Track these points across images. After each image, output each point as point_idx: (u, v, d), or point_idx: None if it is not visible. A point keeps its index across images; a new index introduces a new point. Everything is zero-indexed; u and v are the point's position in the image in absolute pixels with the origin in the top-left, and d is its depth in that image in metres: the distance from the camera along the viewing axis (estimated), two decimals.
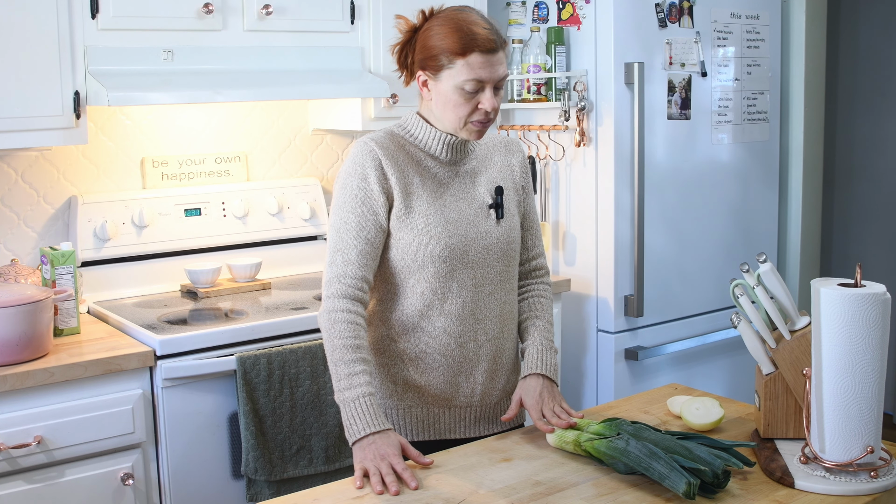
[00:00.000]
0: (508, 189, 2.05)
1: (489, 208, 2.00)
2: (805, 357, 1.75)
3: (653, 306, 3.32)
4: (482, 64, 1.87)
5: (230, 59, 2.74)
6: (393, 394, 2.01)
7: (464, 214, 1.97)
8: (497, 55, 1.89)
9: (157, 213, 2.93)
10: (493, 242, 1.99)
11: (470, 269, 1.96)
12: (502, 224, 2.01)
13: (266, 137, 3.22)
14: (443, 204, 1.96)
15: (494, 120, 2.00)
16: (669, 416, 1.99)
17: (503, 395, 2.07)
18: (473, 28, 1.87)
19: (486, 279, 1.99)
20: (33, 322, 2.25)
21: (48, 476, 2.24)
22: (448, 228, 1.94)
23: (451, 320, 1.96)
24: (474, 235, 1.97)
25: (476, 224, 1.98)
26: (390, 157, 1.94)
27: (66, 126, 2.51)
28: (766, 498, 1.59)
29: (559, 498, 1.60)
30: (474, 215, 1.98)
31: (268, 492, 2.47)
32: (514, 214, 2.05)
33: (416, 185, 1.95)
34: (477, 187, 2.01)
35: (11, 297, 2.23)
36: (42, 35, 2.45)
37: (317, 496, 1.64)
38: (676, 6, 3.28)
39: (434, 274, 1.94)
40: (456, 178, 2.00)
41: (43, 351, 2.29)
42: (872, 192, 4.47)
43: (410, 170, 1.96)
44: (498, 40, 1.90)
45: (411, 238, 1.94)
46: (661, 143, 3.30)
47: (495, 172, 2.04)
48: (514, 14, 3.44)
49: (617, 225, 3.20)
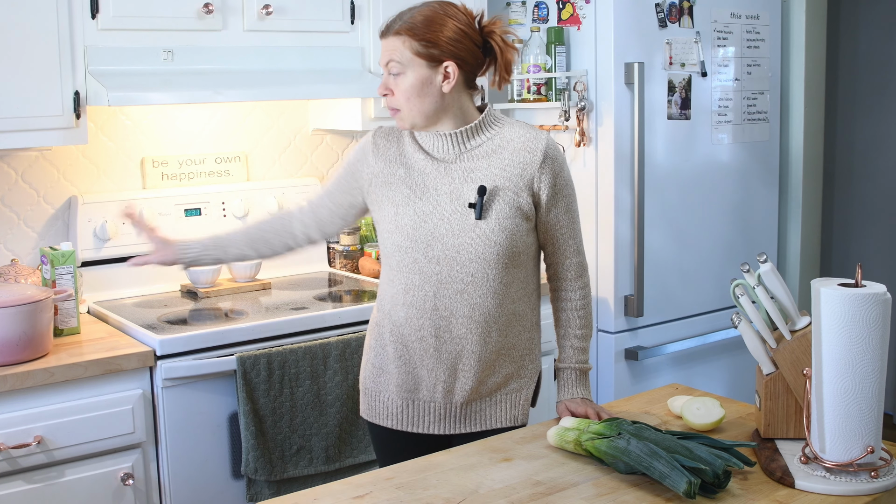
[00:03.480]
0: (506, 189, 1.98)
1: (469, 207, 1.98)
2: (805, 357, 1.75)
3: (653, 306, 3.32)
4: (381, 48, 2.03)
5: (230, 59, 2.74)
6: (374, 376, 2.13)
7: (440, 209, 1.99)
8: (384, 42, 1.99)
9: (157, 213, 2.93)
10: (467, 242, 1.97)
11: (435, 265, 1.99)
12: (482, 225, 1.97)
13: (266, 137, 3.22)
14: (419, 198, 2.01)
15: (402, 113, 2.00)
16: (670, 416, 1.99)
17: (473, 397, 2.04)
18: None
19: (455, 277, 1.99)
20: (33, 322, 2.25)
21: (48, 476, 2.24)
22: (415, 220, 2.00)
23: (413, 312, 2.02)
24: (444, 231, 1.98)
25: (451, 221, 1.98)
26: (381, 148, 2.09)
27: (66, 126, 2.51)
28: (766, 498, 1.59)
29: (559, 498, 1.60)
30: (452, 212, 1.99)
31: (268, 492, 2.47)
32: (506, 216, 1.98)
33: (399, 178, 2.04)
34: (468, 184, 2.00)
35: (11, 297, 2.23)
36: (42, 35, 2.45)
37: (317, 496, 1.64)
38: (676, 6, 3.28)
39: (398, 263, 2.03)
40: (446, 175, 2.01)
41: (43, 351, 2.29)
42: (872, 192, 4.47)
43: (397, 163, 2.06)
44: (389, 27, 1.98)
45: (382, 227, 2.06)
46: (661, 143, 3.30)
47: (495, 170, 1.99)
48: (514, 14, 3.44)
49: (617, 225, 3.20)
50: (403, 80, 1.96)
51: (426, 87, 1.97)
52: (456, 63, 1.96)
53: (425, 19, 1.96)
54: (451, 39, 1.96)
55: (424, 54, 1.95)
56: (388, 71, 1.98)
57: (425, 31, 1.95)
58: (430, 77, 1.96)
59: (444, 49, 1.96)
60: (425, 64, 1.96)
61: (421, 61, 1.95)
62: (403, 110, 1.99)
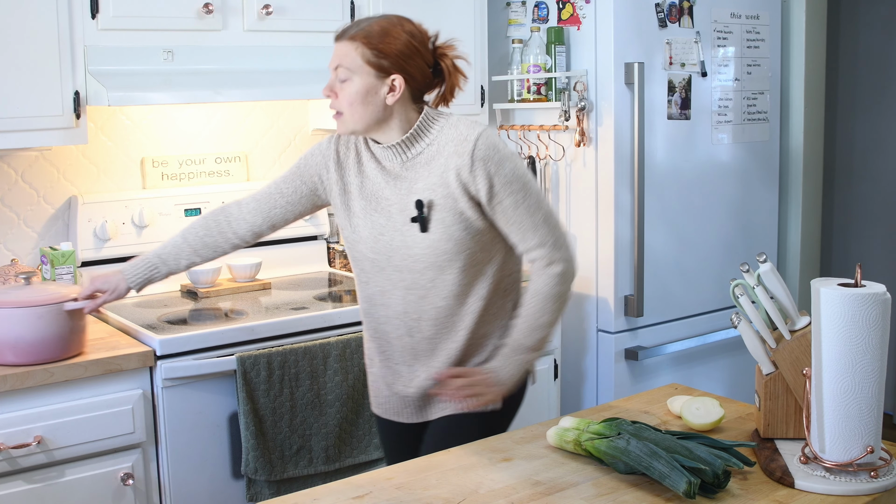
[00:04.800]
0: (445, 197, 1.99)
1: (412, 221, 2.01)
2: (805, 357, 1.75)
3: (653, 306, 3.32)
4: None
5: (230, 59, 2.74)
6: (368, 366, 2.24)
7: (393, 222, 2.03)
8: (336, 45, 2.01)
9: (157, 213, 2.93)
10: (419, 253, 2.01)
11: (398, 273, 2.05)
12: (428, 237, 2.00)
13: (266, 137, 3.22)
14: (374, 209, 2.06)
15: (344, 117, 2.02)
16: (669, 416, 1.99)
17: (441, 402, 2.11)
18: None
19: (417, 284, 2.04)
20: (69, 320, 2.24)
21: (48, 476, 2.24)
22: (373, 233, 2.06)
23: (389, 312, 2.09)
24: (399, 244, 2.03)
25: (404, 233, 2.02)
26: (338, 155, 2.13)
27: (66, 126, 2.51)
28: (766, 498, 1.59)
29: (559, 498, 1.60)
30: (402, 223, 2.02)
31: (268, 492, 2.47)
32: (450, 224, 1.99)
33: (356, 188, 2.09)
34: (412, 196, 2.02)
35: (46, 296, 2.23)
36: (42, 35, 2.45)
37: (317, 496, 1.64)
38: (676, 6, 3.28)
39: (370, 269, 2.09)
40: (395, 186, 2.04)
41: (78, 349, 2.30)
42: (872, 192, 4.47)
43: (354, 172, 2.10)
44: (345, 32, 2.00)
45: (348, 234, 2.11)
46: (661, 143, 3.30)
47: (434, 179, 1.99)
48: (514, 14, 3.44)
49: (617, 225, 3.20)
50: (350, 85, 1.99)
51: (370, 97, 1.98)
52: (403, 77, 1.98)
53: (382, 30, 1.98)
54: (403, 54, 1.98)
55: (374, 63, 1.97)
56: (336, 75, 2.01)
57: (379, 42, 1.97)
58: (376, 87, 1.98)
59: (394, 62, 1.97)
60: (373, 73, 1.98)
61: (370, 70, 1.97)
62: (345, 115, 2.01)
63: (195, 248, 2.24)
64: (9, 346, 2.20)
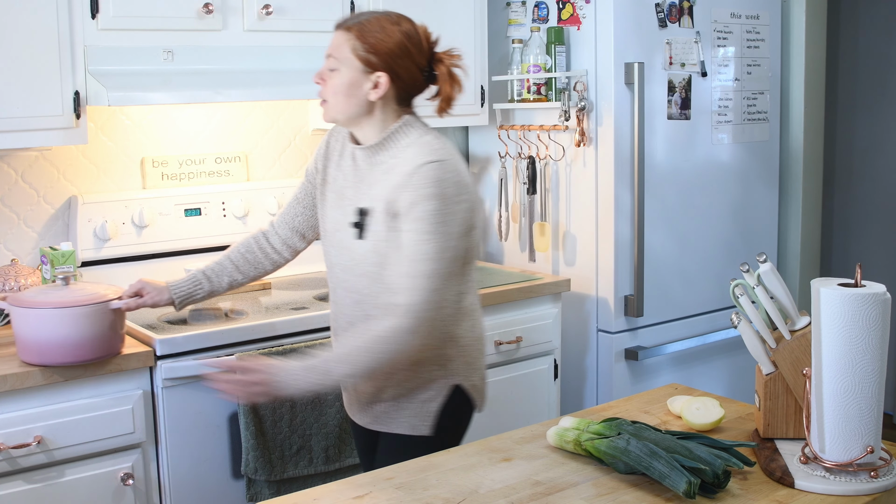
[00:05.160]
0: (379, 209, 1.98)
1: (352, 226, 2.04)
2: (805, 357, 1.75)
3: (653, 306, 3.32)
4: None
5: (230, 59, 2.74)
6: None
7: (347, 219, 2.06)
8: (335, 33, 2.03)
9: (157, 213, 2.93)
10: (356, 258, 2.03)
11: (343, 273, 2.08)
12: (363, 245, 2.01)
13: (266, 137, 3.22)
14: (338, 205, 2.09)
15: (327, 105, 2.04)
16: (669, 416, 1.99)
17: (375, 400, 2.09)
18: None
19: (353, 288, 2.06)
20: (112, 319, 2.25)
21: (48, 476, 2.24)
22: (332, 227, 2.11)
23: (335, 309, 2.14)
24: (348, 244, 2.06)
25: (347, 233, 2.05)
26: (328, 146, 2.16)
27: (66, 126, 2.51)
28: (766, 498, 1.59)
29: (559, 498, 1.60)
30: (349, 227, 2.05)
31: (268, 492, 2.47)
32: (381, 240, 1.97)
33: (332, 179, 2.12)
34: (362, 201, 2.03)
35: (91, 296, 2.22)
36: (42, 35, 2.45)
37: (317, 496, 1.64)
38: (676, 6, 3.28)
39: (328, 262, 2.14)
40: (356, 186, 2.06)
41: (119, 347, 2.31)
42: (872, 192, 4.47)
43: (336, 165, 2.13)
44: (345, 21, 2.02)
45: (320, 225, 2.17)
46: (661, 143, 3.30)
47: (385, 191, 1.97)
48: (514, 14, 3.44)
49: (617, 225, 3.20)
50: (337, 76, 2.00)
51: (354, 90, 1.99)
52: (389, 76, 1.98)
53: (378, 25, 1.98)
54: (393, 52, 1.97)
55: (363, 58, 1.97)
56: (327, 63, 2.03)
57: (371, 37, 1.97)
58: (361, 81, 1.98)
59: (383, 59, 1.97)
60: (360, 67, 1.98)
61: (357, 63, 1.98)
62: (329, 104, 2.04)
63: (237, 264, 2.29)
64: (56, 346, 2.19)
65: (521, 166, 3.39)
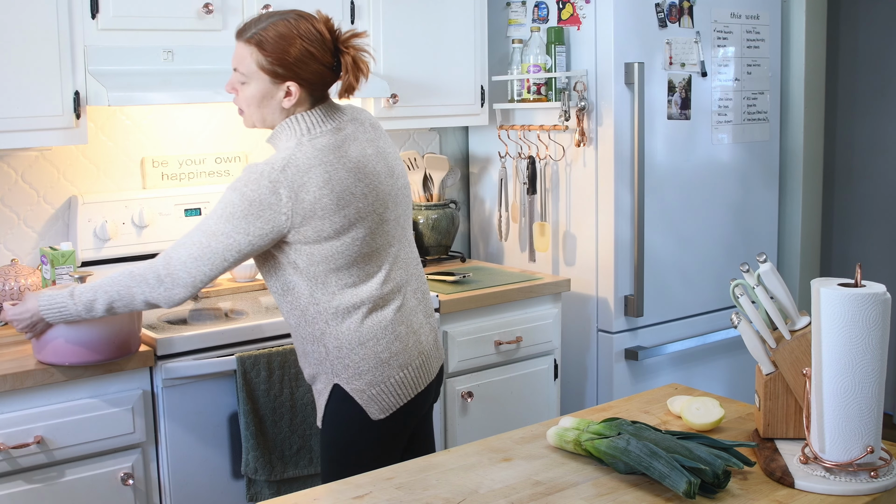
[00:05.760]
0: None
1: None
2: (805, 357, 1.75)
3: (653, 306, 3.32)
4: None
5: (230, 59, 2.74)
6: None
7: None
8: (237, 43, 2.03)
9: (157, 213, 2.93)
10: None
11: None
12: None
13: (266, 137, 3.21)
14: None
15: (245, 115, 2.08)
16: (669, 416, 1.99)
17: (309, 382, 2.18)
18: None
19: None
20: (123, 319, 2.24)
21: (48, 476, 2.24)
22: None
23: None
24: None
25: None
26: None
27: (66, 126, 2.51)
28: (766, 498, 1.59)
29: (559, 498, 1.60)
30: None
31: (268, 492, 2.47)
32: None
33: None
34: None
35: None
36: (42, 35, 2.45)
37: (317, 496, 1.64)
38: (676, 6, 3.28)
39: None
40: None
41: (135, 347, 2.31)
42: (872, 192, 4.47)
43: None
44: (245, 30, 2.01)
45: None
46: (661, 143, 3.30)
47: None
48: (514, 14, 3.44)
49: (617, 225, 3.20)
50: (247, 88, 2.03)
51: (266, 100, 2.02)
52: (297, 83, 2.00)
53: (277, 36, 1.98)
54: (297, 60, 1.98)
55: (269, 70, 1.99)
56: (234, 75, 2.05)
57: (273, 49, 1.98)
58: (272, 92, 2.01)
59: (288, 69, 1.99)
60: (268, 79, 2.00)
61: (264, 76, 2.00)
62: (246, 113, 2.08)
63: None
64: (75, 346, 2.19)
65: (521, 166, 3.39)
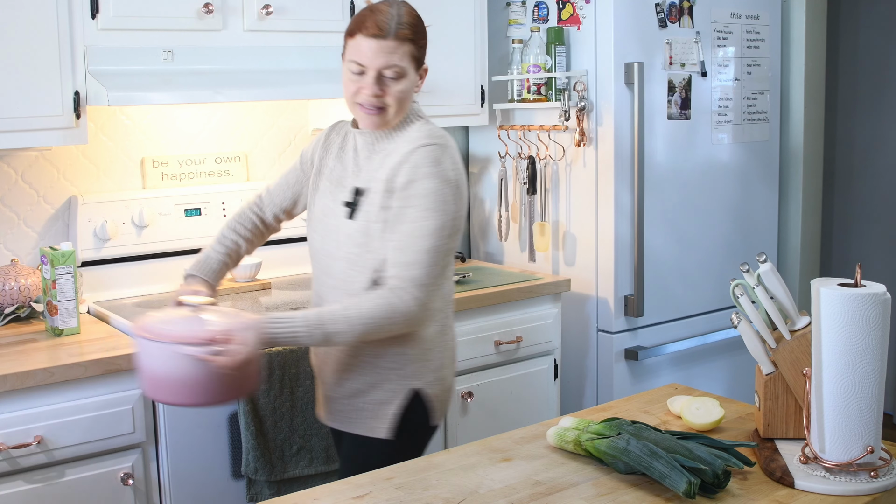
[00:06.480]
0: (370, 191, 1.99)
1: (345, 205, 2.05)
2: (805, 357, 1.75)
3: (653, 306, 3.32)
4: (363, 47, 1.93)
5: (230, 59, 2.74)
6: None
7: (337, 204, 2.06)
8: (383, 42, 1.92)
9: (157, 213, 2.93)
10: (341, 241, 2.03)
11: (324, 258, 2.09)
12: (351, 225, 2.01)
13: (266, 137, 3.22)
14: (330, 192, 2.09)
15: (386, 110, 1.98)
16: (669, 416, 1.99)
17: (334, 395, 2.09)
18: (372, 13, 1.95)
19: (331, 272, 2.06)
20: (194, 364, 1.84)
21: (48, 476, 2.24)
22: (319, 214, 2.10)
23: (314, 298, 2.16)
24: (333, 228, 2.06)
25: (336, 216, 2.05)
26: (328, 139, 2.16)
27: (66, 126, 2.51)
28: (766, 498, 1.59)
29: (559, 498, 1.60)
30: (341, 208, 2.05)
31: (268, 492, 2.47)
32: (372, 220, 1.97)
33: (329, 170, 2.12)
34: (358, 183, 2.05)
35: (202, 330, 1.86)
36: (42, 35, 2.45)
37: (317, 496, 1.64)
38: (676, 6, 3.28)
39: (312, 253, 2.14)
40: (355, 172, 2.06)
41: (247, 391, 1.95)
42: (872, 192, 4.47)
43: (333, 156, 2.12)
44: (390, 29, 1.92)
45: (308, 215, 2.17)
46: (661, 143, 3.30)
47: (382, 173, 1.99)
48: (514, 14, 3.44)
49: (617, 225, 3.20)
50: (401, 83, 1.97)
51: (411, 90, 2.01)
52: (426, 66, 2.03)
53: (416, 21, 1.98)
54: (426, 44, 2.01)
55: (416, 58, 1.98)
56: (381, 73, 1.95)
57: (418, 37, 1.98)
58: (415, 79, 2.01)
59: (424, 53, 2.01)
60: (414, 68, 1.99)
61: (412, 65, 1.98)
62: (391, 111, 1.99)
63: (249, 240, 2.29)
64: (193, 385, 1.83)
65: (521, 166, 3.39)
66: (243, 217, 2.30)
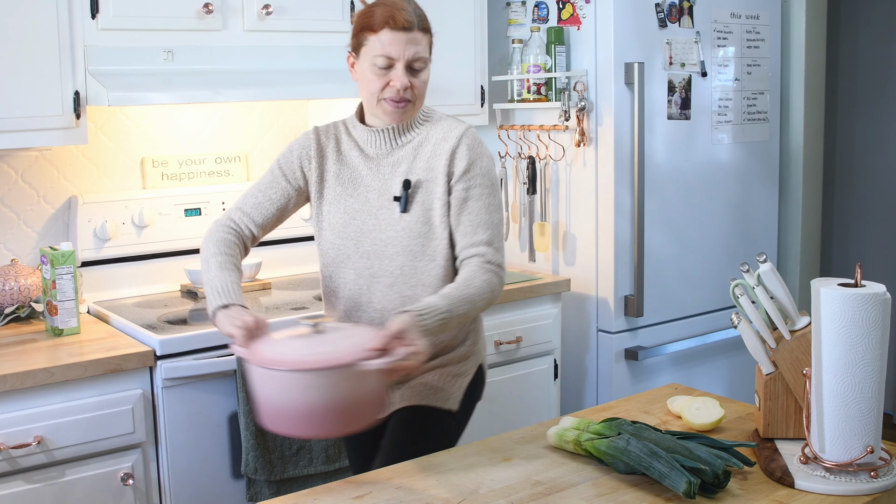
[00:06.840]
0: (428, 181, 2.03)
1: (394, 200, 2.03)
2: (805, 357, 1.75)
3: (653, 306, 3.32)
4: (392, 40, 1.95)
5: (230, 59, 2.74)
6: None
7: (368, 205, 2.04)
8: (410, 34, 1.96)
9: (157, 213, 2.93)
10: (393, 235, 2.02)
11: (366, 260, 2.05)
12: (405, 218, 2.02)
13: (266, 137, 3.22)
14: (350, 195, 2.07)
15: (414, 102, 2.01)
16: (669, 416, 1.99)
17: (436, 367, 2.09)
18: (393, 7, 1.96)
19: (384, 271, 2.04)
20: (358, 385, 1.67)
21: (48, 476, 2.24)
22: (345, 217, 2.06)
23: (351, 306, 2.10)
24: (372, 227, 2.03)
25: (377, 215, 2.03)
26: (319, 145, 2.11)
27: (66, 126, 2.51)
28: (766, 498, 1.59)
29: (559, 498, 1.60)
30: (378, 207, 2.04)
31: (268, 492, 2.47)
32: (429, 208, 2.02)
33: (332, 175, 2.09)
34: (395, 178, 2.05)
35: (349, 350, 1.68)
36: (42, 35, 2.45)
37: (317, 496, 1.64)
38: (676, 6, 3.28)
39: (332, 260, 2.10)
40: (377, 171, 2.06)
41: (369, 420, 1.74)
42: (872, 192, 4.47)
43: (333, 160, 2.10)
44: (415, 21, 1.97)
45: (316, 223, 2.13)
46: (661, 143, 3.30)
47: (421, 163, 2.04)
48: (514, 14, 3.44)
49: (617, 225, 3.20)
50: (423, 74, 2.02)
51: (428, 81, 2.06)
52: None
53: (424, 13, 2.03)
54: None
55: (431, 48, 2.04)
56: (409, 65, 1.98)
57: (429, 26, 2.03)
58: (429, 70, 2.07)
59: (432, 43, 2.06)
60: (430, 58, 2.04)
61: (430, 56, 2.04)
62: (416, 103, 2.04)
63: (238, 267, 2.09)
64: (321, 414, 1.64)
65: (521, 166, 3.39)
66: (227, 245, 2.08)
